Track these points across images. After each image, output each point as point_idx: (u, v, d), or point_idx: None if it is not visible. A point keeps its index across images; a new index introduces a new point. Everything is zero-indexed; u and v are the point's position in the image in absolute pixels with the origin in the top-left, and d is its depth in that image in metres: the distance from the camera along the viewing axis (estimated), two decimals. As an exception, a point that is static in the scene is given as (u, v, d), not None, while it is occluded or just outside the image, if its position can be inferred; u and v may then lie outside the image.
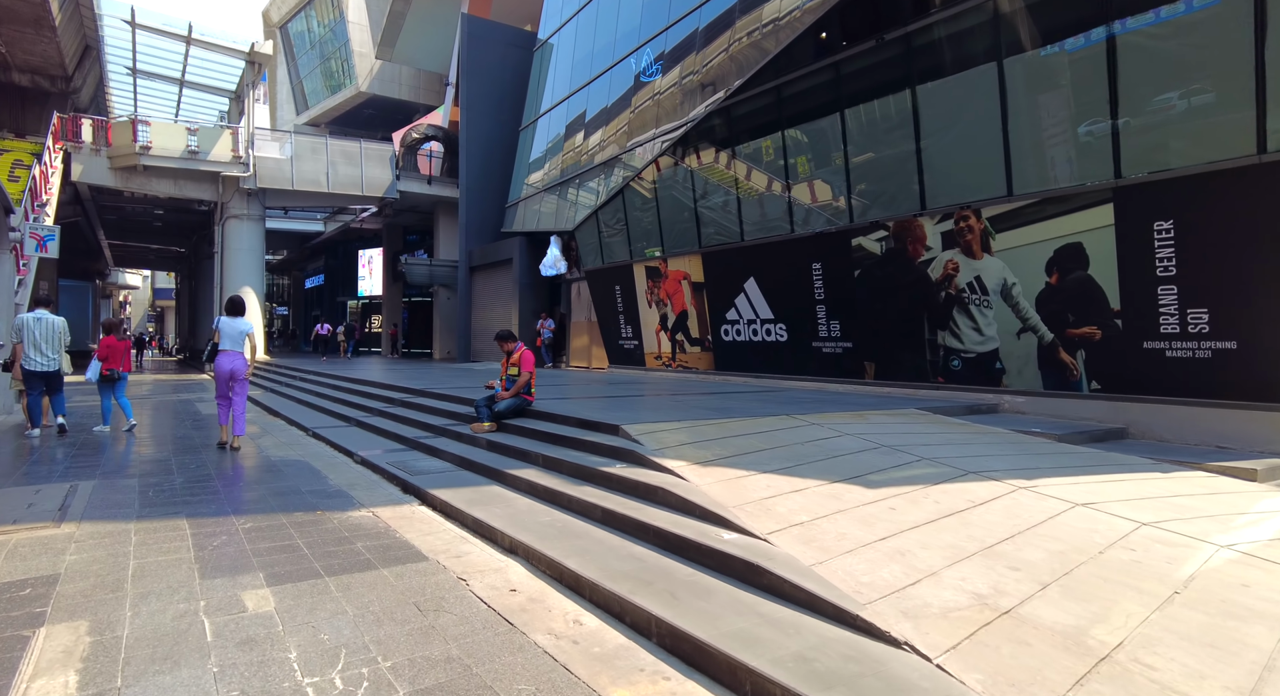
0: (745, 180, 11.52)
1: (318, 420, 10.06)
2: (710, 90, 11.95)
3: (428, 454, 7.00)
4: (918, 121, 8.87)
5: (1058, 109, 7.54)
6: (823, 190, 10.29)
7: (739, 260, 11.86)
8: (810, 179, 10.44)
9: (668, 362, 14.04)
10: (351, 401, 10.93)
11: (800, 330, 10.96)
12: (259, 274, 24.35)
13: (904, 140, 9.08)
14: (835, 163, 10.03)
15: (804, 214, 10.60)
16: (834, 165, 10.06)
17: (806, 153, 10.45)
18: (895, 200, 9.33)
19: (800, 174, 10.57)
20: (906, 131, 9.02)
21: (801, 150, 10.51)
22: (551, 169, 17.99)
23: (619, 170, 14.64)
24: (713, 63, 11.93)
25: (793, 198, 10.72)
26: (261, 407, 12.65)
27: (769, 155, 10.99)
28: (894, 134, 9.21)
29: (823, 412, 6.99)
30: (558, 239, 17.65)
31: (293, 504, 5.40)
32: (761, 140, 11.07)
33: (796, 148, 10.56)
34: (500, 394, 7.25)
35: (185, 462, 7.09)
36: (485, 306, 21.49)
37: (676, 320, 13.60)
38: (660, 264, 13.78)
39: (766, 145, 11.00)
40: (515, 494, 5.22)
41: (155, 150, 21.74)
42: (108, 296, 54.96)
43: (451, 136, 26.94)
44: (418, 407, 9.18)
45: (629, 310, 14.93)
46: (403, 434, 7.86)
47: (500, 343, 7.38)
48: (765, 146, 11.03)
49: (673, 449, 5.22)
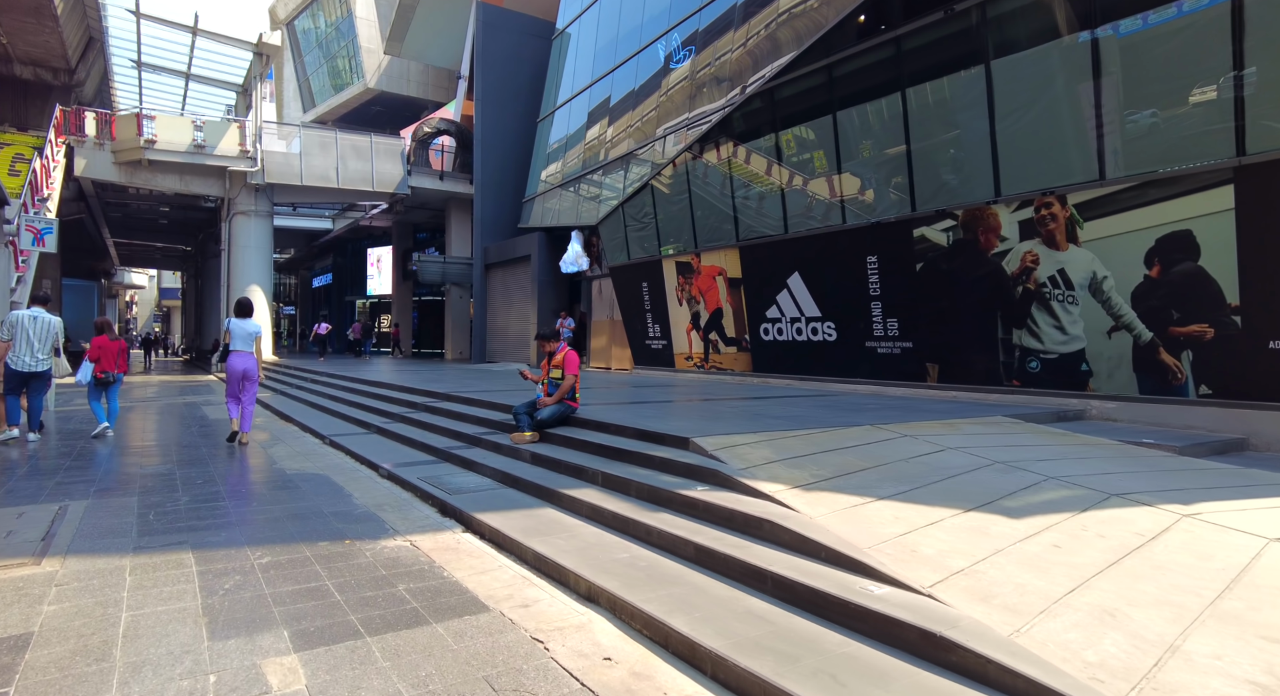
0: (790, 167, 10.73)
1: (333, 426, 9.32)
2: (751, 72, 11.17)
3: (463, 467, 6.23)
4: (992, 100, 8.07)
5: (1162, 81, 6.73)
6: (880, 176, 9.50)
7: (782, 254, 11.07)
8: (866, 164, 9.65)
9: (699, 364, 13.25)
10: (369, 406, 10.19)
11: (852, 329, 10.16)
12: (267, 272, 23.67)
13: (976, 121, 8.28)
14: (895, 146, 9.23)
15: (857, 203, 9.81)
16: (894, 149, 9.26)
17: (862, 136, 9.66)
18: (965, 187, 8.53)
19: (854, 159, 9.77)
20: (979, 111, 8.22)
21: (856, 133, 9.71)
22: (572, 161, 17.23)
23: (647, 160, 13.87)
24: (754, 42, 11.14)
25: (845, 185, 9.92)
26: (272, 411, 11.91)
27: (818, 139, 10.19)
28: (964, 114, 8.41)
29: (906, 422, 6.20)
30: (579, 234, 16.89)
31: (315, 530, 4.64)
32: (810, 123, 10.28)
33: (850, 131, 9.76)
34: (542, 400, 6.48)
35: (191, 477, 6.34)
36: (502, 305, 20.75)
37: (710, 319, 12.81)
38: (693, 259, 13.00)
39: (815, 129, 10.21)
40: (577, 520, 4.45)
41: (160, 144, 21.05)
42: (114, 296, 54.45)
43: (464, 131, 26.23)
44: (444, 414, 8.42)
45: (657, 308, 14.16)
46: (431, 443, 7.10)
47: (541, 342, 6.61)
48: (814, 130, 10.24)
49: (761, 467, 4.45)
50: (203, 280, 38.21)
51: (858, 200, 9.80)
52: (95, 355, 8.62)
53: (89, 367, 8.58)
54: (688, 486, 4.35)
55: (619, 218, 14.77)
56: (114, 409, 9.02)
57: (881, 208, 9.50)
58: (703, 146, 12.32)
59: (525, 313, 19.43)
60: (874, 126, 9.48)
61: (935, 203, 8.86)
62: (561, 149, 17.88)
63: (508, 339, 20.40)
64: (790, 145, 10.65)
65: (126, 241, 35.55)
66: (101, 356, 8.65)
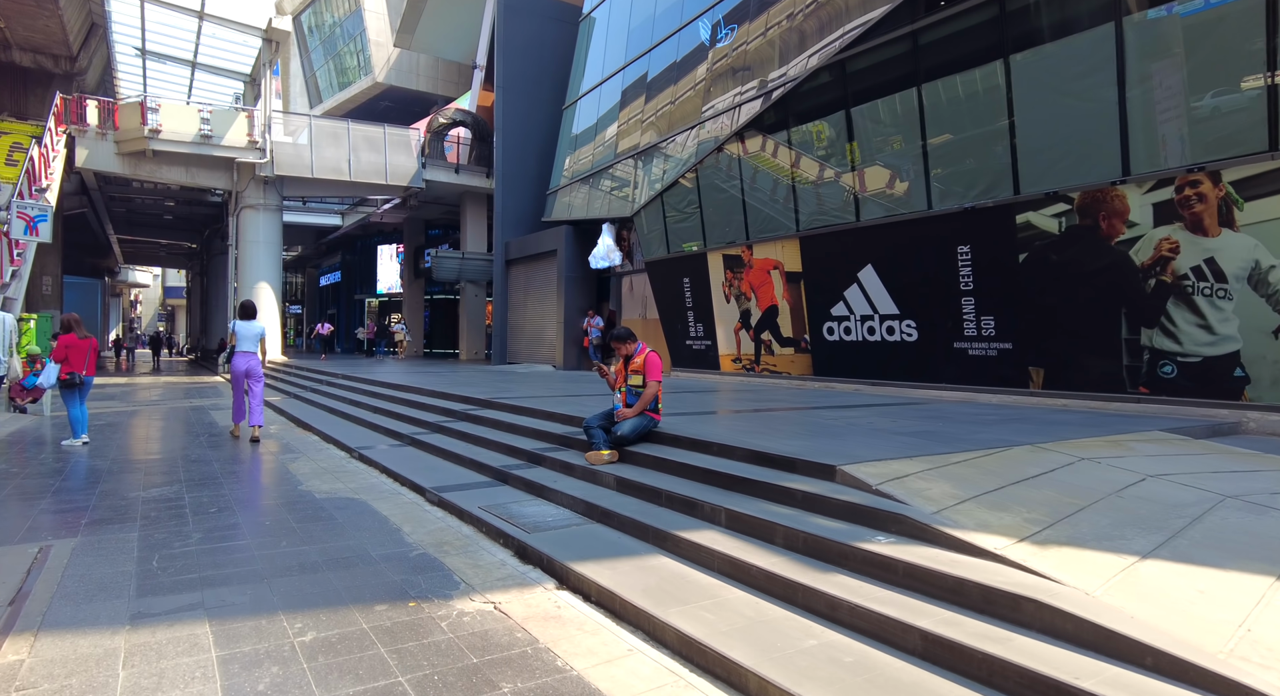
0: (863, 147, 9.67)
1: (360, 436, 8.28)
2: (815, 43, 10.11)
3: (530, 493, 5.18)
4: (1123, 63, 6.99)
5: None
6: (975, 156, 8.43)
7: (852, 245, 10.00)
8: (957, 143, 8.58)
9: (749, 366, 12.19)
10: (398, 413, 9.14)
11: (937, 328, 9.10)
12: (276, 269, 22.67)
13: (1100, 89, 7.20)
14: (994, 122, 8.16)
15: (945, 186, 8.74)
16: (992, 124, 8.19)
17: (951, 111, 8.59)
18: (1082, 165, 7.46)
19: (942, 137, 8.71)
20: (1104, 77, 7.15)
21: (944, 108, 8.65)
22: (602, 149, 16.18)
23: (690, 145, 12.81)
24: (820, 9, 10.08)
25: (930, 166, 8.86)
26: (286, 418, 10.88)
27: (898, 116, 9.13)
28: (1083, 82, 7.34)
29: (1063, 440, 5.13)
30: (610, 227, 15.84)
31: (366, 584, 3.60)
32: (888, 98, 9.22)
33: (938, 105, 8.70)
34: (621, 411, 5.42)
35: (202, 502, 5.31)
36: (524, 303, 19.71)
37: (763, 317, 11.75)
38: (743, 251, 11.94)
39: (895, 104, 9.14)
40: (711, 578, 3.40)
41: (165, 134, 20.07)
42: (118, 295, 53.59)
43: (480, 122, 25.22)
44: (490, 424, 7.37)
45: (700, 306, 13.10)
46: (483, 460, 6.05)
47: (617, 344, 5.55)
48: (893, 106, 9.17)
49: (954, 509, 3.39)
50: (208, 278, 37.28)
51: (947, 183, 8.73)
52: (62, 355, 7.62)
53: (55, 369, 7.56)
54: (863, 536, 3.29)
55: (657, 208, 13.72)
56: (81, 414, 8.03)
57: (977, 191, 8.43)
58: (757, 127, 11.26)
59: (548, 310, 18.39)
60: (967, 99, 8.41)
61: (1044, 184, 7.79)
62: (590, 137, 16.83)
63: (530, 339, 19.37)
64: (864, 123, 9.58)
65: (130, 238, 34.64)
66: (70, 356, 7.64)
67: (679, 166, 13.04)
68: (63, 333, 7.82)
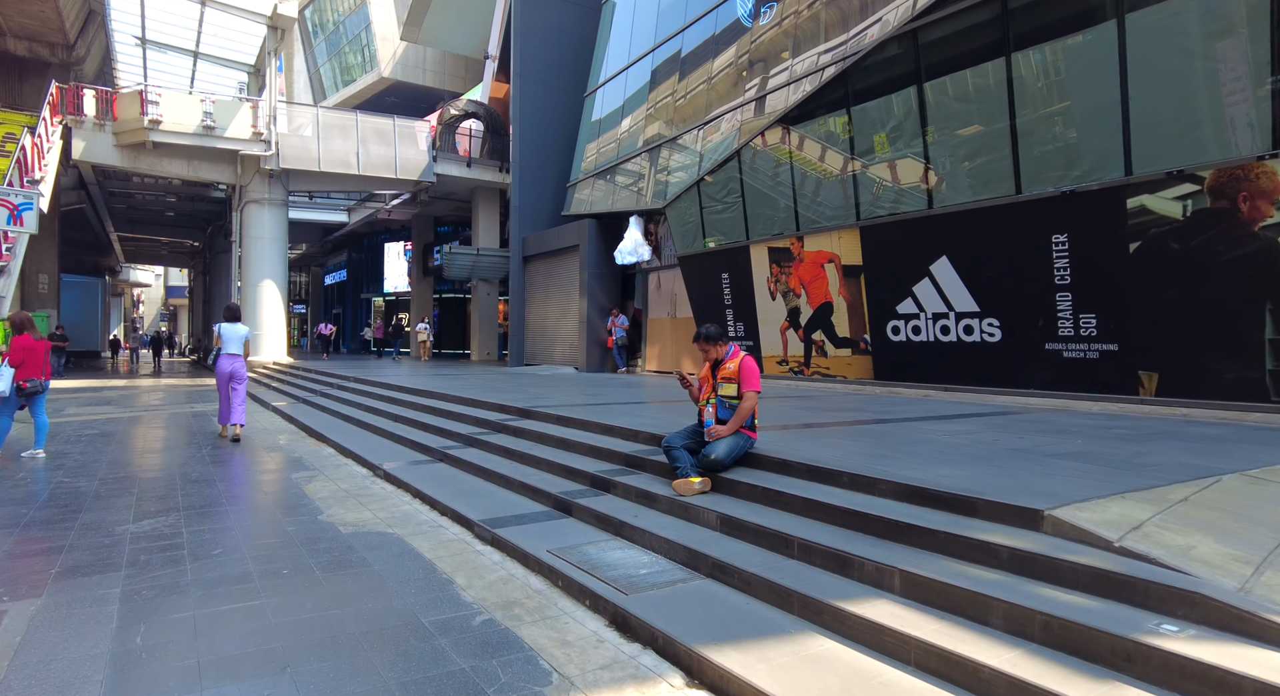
0: (938, 126, 8.69)
1: (382, 450, 7.32)
2: (882, 9, 9.13)
3: (605, 529, 4.22)
4: (1278, 18, 6.01)
5: None
6: (1074, 132, 7.45)
7: (924, 235, 9.02)
8: (1054, 118, 7.59)
9: (797, 369, 11.21)
10: (422, 422, 8.18)
11: (1025, 327, 8.11)
12: (281, 265, 21.74)
13: (1240, 47, 6.22)
14: (1100, 93, 7.17)
15: (1038, 168, 7.76)
16: (1098, 97, 7.20)
17: (1046, 82, 7.61)
18: (1215, 139, 6.48)
19: (1035, 112, 7.72)
20: (1253, 31, 6.16)
21: (1037, 78, 7.67)
22: (628, 137, 15.21)
23: (731, 130, 11.84)
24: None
25: (1020, 146, 7.87)
26: (296, 426, 9.94)
27: (983, 89, 8.15)
28: (1220, 41, 6.36)
29: (1271, 467, 4.15)
30: (639, 220, 14.87)
31: (424, 673, 2.64)
32: (972, 70, 8.23)
33: (1029, 76, 7.72)
34: (713, 429, 4.42)
35: (204, 540, 4.35)
36: (543, 301, 18.75)
37: (815, 315, 10.77)
38: (792, 243, 10.96)
39: (978, 77, 8.16)
40: (910, 674, 2.44)
41: (166, 125, 19.15)
42: (119, 294, 52.79)
43: (493, 114, 24.30)
44: (533, 437, 6.41)
45: (741, 303, 12.13)
46: (537, 483, 5.09)
47: (705, 345, 4.56)
48: (975, 79, 8.19)
49: (1256, 579, 2.42)
50: (211, 277, 36.39)
51: (1040, 165, 7.74)
52: (18, 358, 6.69)
53: (9, 374, 6.62)
54: (1137, 622, 2.32)
55: (693, 198, 12.74)
56: (42, 424, 7.18)
57: (1077, 173, 7.45)
58: (810, 108, 10.28)
59: (570, 309, 17.43)
60: (1069, 67, 7.43)
61: (1164, 162, 6.80)
62: (615, 125, 15.86)
63: (549, 339, 18.41)
64: (939, 99, 8.60)
65: (131, 236, 33.77)
66: (27, 360, 6.71)
67: (718, 153, 12.07)
68: (15, 334, 6.86)
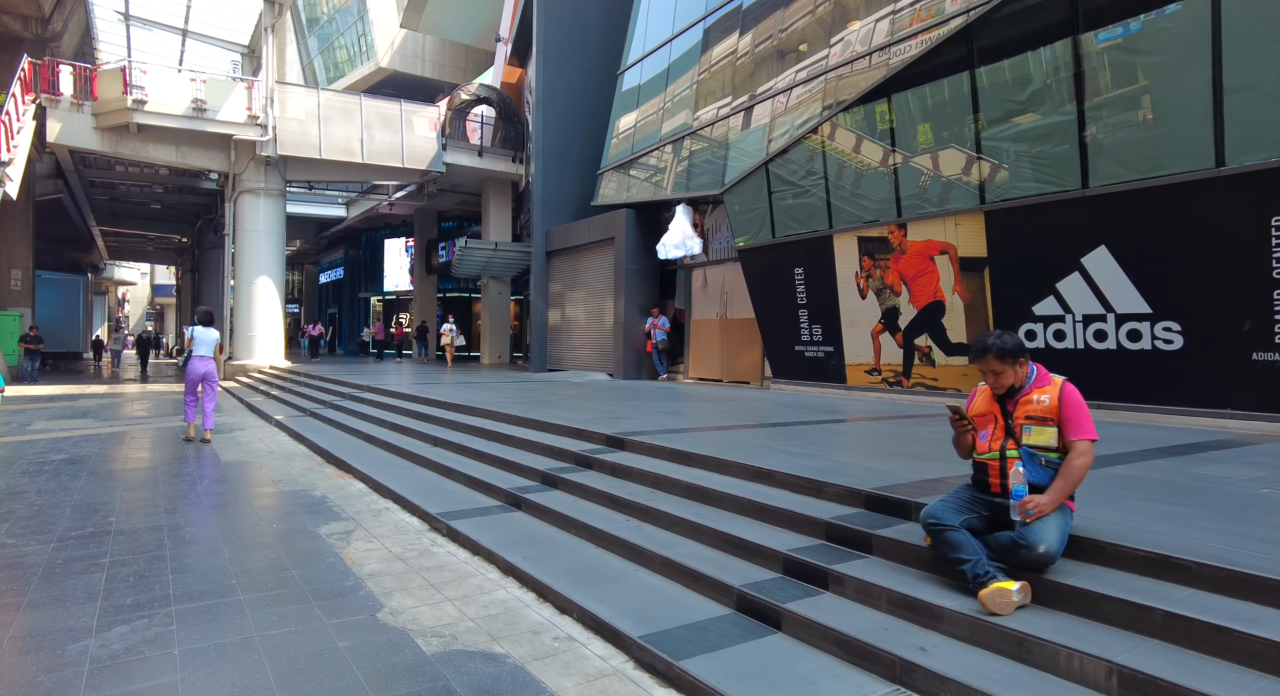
0: (1094, 87, 7.13)
1: (432, 488, 5.67)
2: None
3: (861, 665, 2.60)
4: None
5: None
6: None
7: (1074, 219, 7.47)
8: (1274, 65, 6.05)
9: (893, 380, 9.64)
10: (472, 449, 6.51)
11: (1218, 332, 6.57)
12: (278, 261, 19.99)
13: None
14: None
15: (1250, 131, 6.21)
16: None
17: (1264, 19, 6.07)
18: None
19: (1249, 57, 6.18)
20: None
21: (1255, 20, 6.12)
22: (674, 116, 13.60)
23: (810, 100, 10.25)
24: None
25: (1224, 105, 6.32)
26: (308, 447, 8.28)
27: (1171, 36, 6.59)
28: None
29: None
30: (687, 208, 13.27)
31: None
32: (1161, 13, 6.67)
33: (1242, 16, 6.17)
34: (1031, 502, 2.74)
35: (210, 673, 2.71)
36: (569, 301, 17.10)
37: (920, 316, 9.21)
38: (891, 231, 9.39)
39: (1171, 21, 6.61)
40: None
41: (152, 106, 17.37)
42: (103, 293, 50.64)
43: (506, 100, 22.64)
44: (644, 479, 4.77)
45: (819, 302, 10.55)
46: (686, 561, 3.48)
47: (994, 363, 2.89)
48: (1166, 24, 6.64)
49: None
50: (200, 275, 34.50)
51: (1252, 129, 6.20)
52: None
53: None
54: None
55: (758, 182, 11.14)
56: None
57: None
58: (921, 68, 8.71)
59: (600, 309, 15.80)
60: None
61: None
62: (658, 102, 14.24)
63: (576, 342, 16.77)
64: (1106, 53, 7.04)
65: (115, 230, 31.83)
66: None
67: (794, 128, 10.47)
68: None
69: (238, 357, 19.34)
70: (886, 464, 4.45)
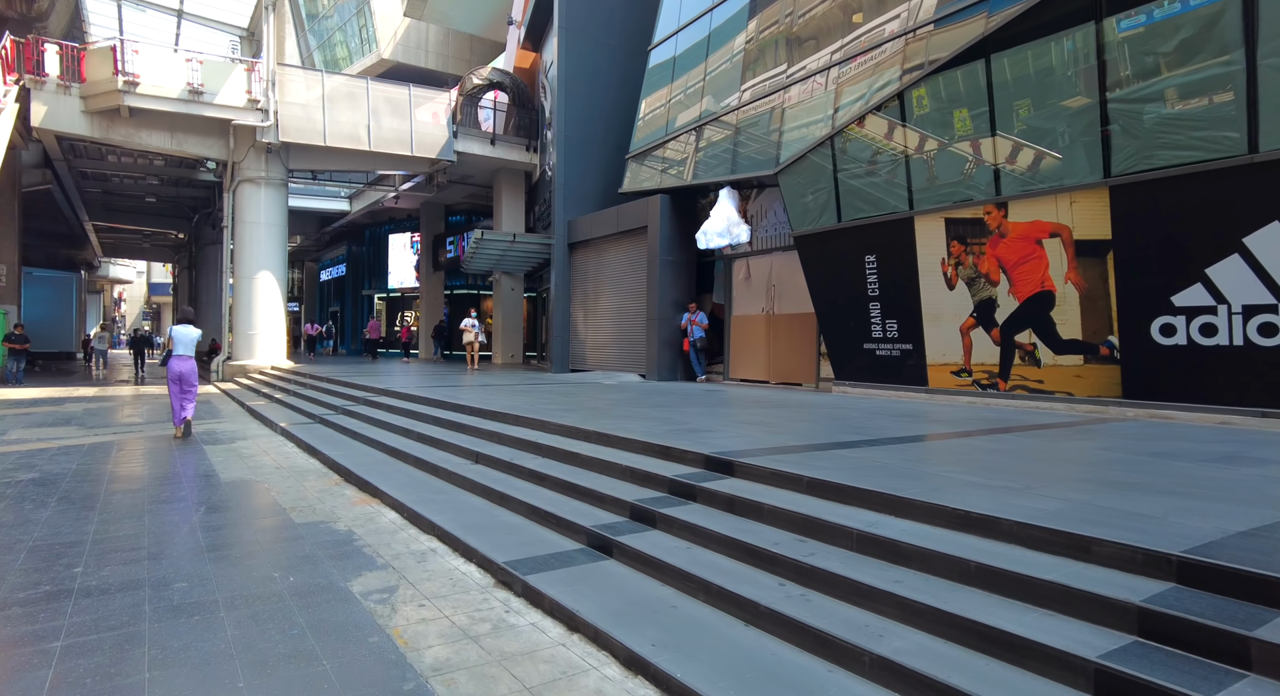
0: (1270, 31, 5.95)
1: (486, 521, 4.49)
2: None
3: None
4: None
5: None
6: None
7: (1237, 191, 6.29)
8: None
9: (987, 382, 8.46)
10: (526, 468, 5.32)
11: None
12: (279, 255, 18.79)
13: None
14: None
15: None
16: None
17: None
18: None
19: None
20: None
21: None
22: (714, 91, 12.41)
23: (890, 61, 9.07)
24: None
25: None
26: (323, 462, 7.09)
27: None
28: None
29: None
30: (732, 192, 12.08)
31: None
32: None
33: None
34: None
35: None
36: (594, 296, 15.90)
37: (1023, 309, 8.03)
38: (988, 212, 8.21)
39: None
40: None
41: (145, 88, 16.16)
42: (98, 291, 49.41)
43: (520, 85, 21.45)
44: (782, 521, 3.58)
45: (894, 294, 9.37)
46: (924, 670, 2.29)
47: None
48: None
49: None
50: (198, 272, 33.24)
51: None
52: None
53: None
54: None
55: (822, 158, 9.96)
56: None
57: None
58: (1030, 21, 7.53)
59: (629, 304, 14.62)
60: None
61: None
62: (696, 75, 13.04)
63: (603, 341, 15.58)
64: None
65: (108, 225, 30.57)
66: None
67: (866, 96, 9.29)
68: None
69: (237, 358, 18.14)
70: (1145, 504, 3.27)
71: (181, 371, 8.45)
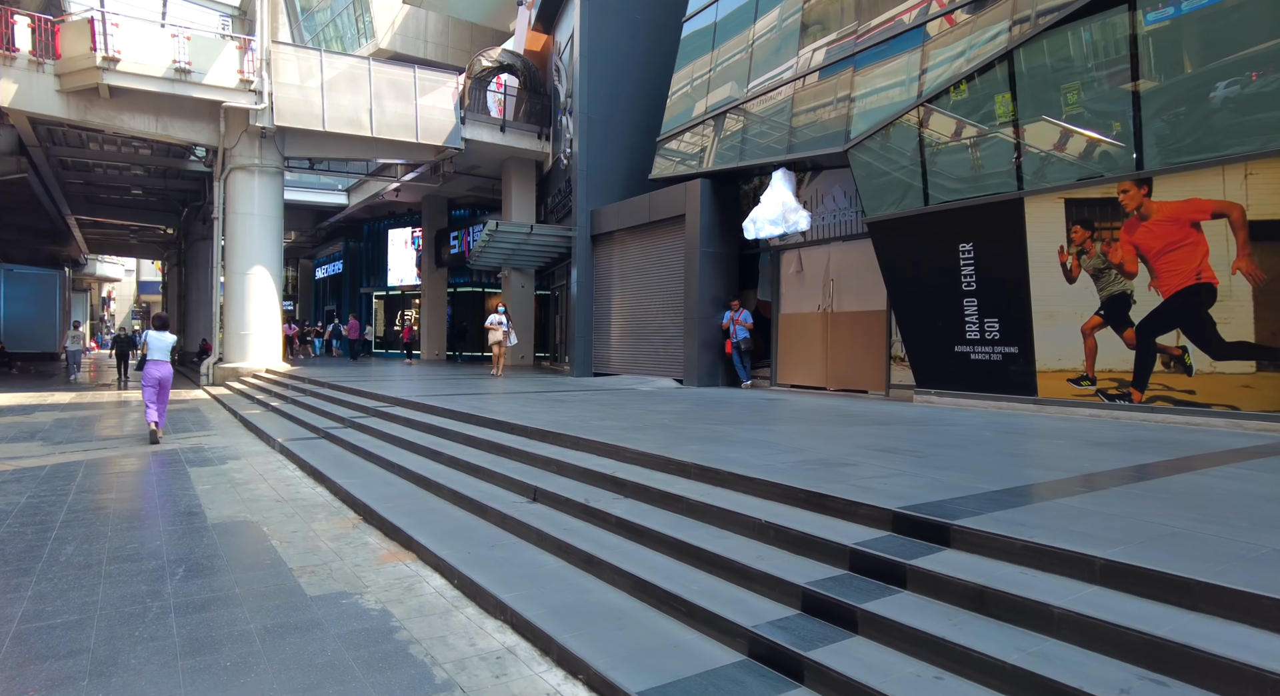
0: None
1: (588, 607, 3.15)
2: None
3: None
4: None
5: None
6: None
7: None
8: None
9: (1115, 392, 7.15)
10: (620, 519, 3.97)
11: None
12: (275, 249, 17.38)
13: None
14: None
15: None
16: None
17: None
18: None
19: None
20: None
21: None
22: (764, 60, 11.08)
23: (994, 18, 7.76)
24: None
25: None
26: (334, 493, 5.73)
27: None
28: None
29: None
30: (787, 174, 10.73)
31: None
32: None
33: None
34: None
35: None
36: (621, 292, 14.55)
37: (1169, 305, 6.72)
38: (1125, 190, 6.89)
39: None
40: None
41: (126, 65, 14.73)
42: (84, 290, 47.73)
43: (531, 68, 20.06)
44: (1067, 628, 2.25)
45: (996, 288, 8.05)
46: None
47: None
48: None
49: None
50: (188, 269, 31.75)
51: None
52: None
53: None
54: None
55: (904, 133, 8.64)
56: None
57: None
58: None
59: (658, 303, 13.28)
60: None
61: None
62: (741, 42, 11.69)
63: (630, 342, 14.23)
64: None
65: (93, 220, 29.00)
66: None
67: (961, 58, 7.98)
68: None
69: (229, 360, 16.71)
70: None
71: (159, 377, 8.53)
